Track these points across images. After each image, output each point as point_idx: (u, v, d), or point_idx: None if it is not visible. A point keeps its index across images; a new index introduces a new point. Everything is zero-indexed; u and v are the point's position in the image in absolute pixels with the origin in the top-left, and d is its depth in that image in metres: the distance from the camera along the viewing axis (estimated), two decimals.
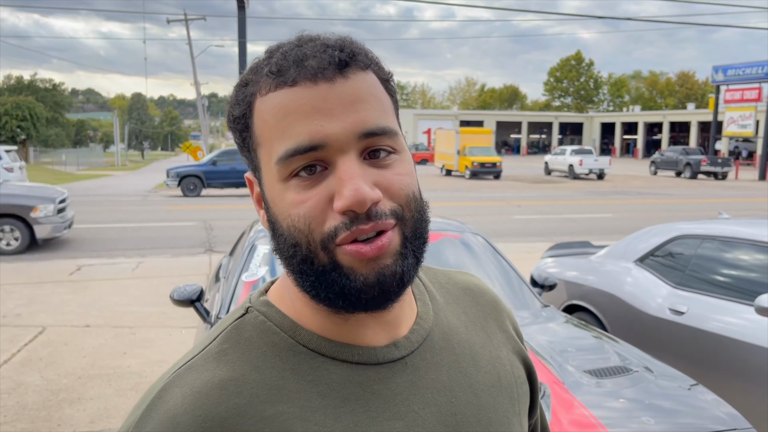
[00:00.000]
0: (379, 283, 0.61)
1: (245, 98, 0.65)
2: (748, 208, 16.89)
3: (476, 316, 0.80)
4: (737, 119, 36.26)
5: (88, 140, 78.95)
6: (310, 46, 0.63)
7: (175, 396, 0.62)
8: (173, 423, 0.60)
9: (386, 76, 0.67)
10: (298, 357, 0.66)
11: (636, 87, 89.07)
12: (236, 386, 0.63)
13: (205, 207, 16.96)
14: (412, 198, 0.64)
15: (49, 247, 10.34)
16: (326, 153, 0.60)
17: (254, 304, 0.71)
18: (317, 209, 0.61)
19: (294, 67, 0.61)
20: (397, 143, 0.64)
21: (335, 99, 0.61)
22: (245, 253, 3.40)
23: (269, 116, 0.62)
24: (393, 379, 0.67)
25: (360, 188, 0.59)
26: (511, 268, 3.60)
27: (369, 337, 0.68)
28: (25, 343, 5.40)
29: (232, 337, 0.67)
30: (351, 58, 0.62)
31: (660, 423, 2.24)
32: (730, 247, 3.81)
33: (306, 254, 0.62)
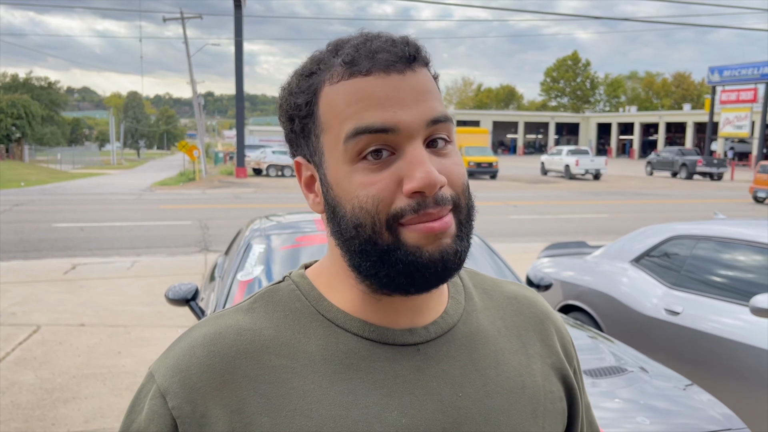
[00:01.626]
0: (443, 259, 0.65)
1: (311, 87, 0.68)
2: (744, 209, 16.94)
3: (515, 325, 0.81)
4: (733, 120, 36.38)
5: (84, 139, 78.76)
6: (379, 40, 0.67)
7: (200, 333, 0.70)
8: (191, 353, 0.68)
9: (435, 75, 0.72)
10: (314, 323, 0.71)
11: (632, 87, 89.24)
12: (252, 334, 0.69)
13: (200, 206, 16.94)
14: (466, 187, 0.69)
15: (43, 246, 10.31)
16: (396, 138, 0.64)
17: (292, 275, 0.77)
18: (387, 191, 0.64)
19: (367, 59, 0.65)
20: (451, 133, 0.69)
21: (407, 89, 0.65)
22: (241, 252, 3.39)
23: (340, 102, 0.66)
24: (399, 361, 0.69)
25: (432, 172, 0.63)
26: (507, 268, 3.60)
27: (389, 320, 0.71)
28: (20, 342, 5.37)
29: (263, 298, 0.74)
30: (417, 53, 0.67)
31: (655, 423, 2.24)
32: (726, 247, 3.82)
33: (370, 234, 0.65)
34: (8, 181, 26.31)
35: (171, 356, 0.69)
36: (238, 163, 28.86)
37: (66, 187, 25.22)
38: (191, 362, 0.67)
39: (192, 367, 0.67)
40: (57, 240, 10.95)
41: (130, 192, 22.28)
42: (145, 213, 15.41)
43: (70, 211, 15.43)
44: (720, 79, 37.29)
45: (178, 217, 14.46)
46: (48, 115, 57.74)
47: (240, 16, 27.97)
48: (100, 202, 18.05)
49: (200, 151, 29.30)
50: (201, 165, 30.27)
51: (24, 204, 17.11)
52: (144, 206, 17.18)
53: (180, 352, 0.69)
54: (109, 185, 26.16)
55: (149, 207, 16.93)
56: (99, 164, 52.51)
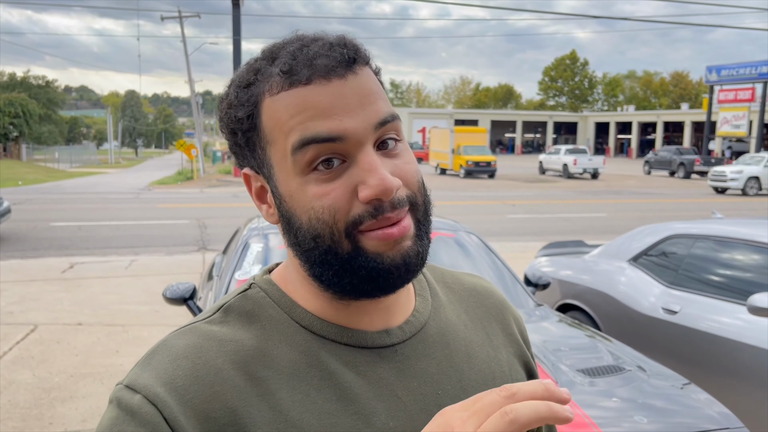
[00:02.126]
0: (405, 263, 0.65)
1: (250, 99, 0.66)
2: (742, 208, 16.97)
3: (478, 317, 0.82)
4: (731, 119, 36.41)
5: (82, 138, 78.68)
6: (317, 45, 0.65)
7: (179, 345, 0.66)
8: (174, 365, 0.64)
9: (377, 71, 0.70)
10: (291, 330, 0.69)
11: (630, 87, 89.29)
12: (234, 346, 0.67)
13: (198, 205, 16.92)
14: (421, 184, 0.69)
15: (41, 245, 10.29)
16: (345, 146, 0.63)
17: (258, 281, 0.74)
18: (342, 200, 0.63)
19: (306, 67, 0.63)
20: (400, 131, 0.68)
21: (350, 94, 0.63)
22: (239, 251, 3.39)
23: (282, 113, 0.64)
24: (380, 364, 0.69)
25: (386, 177, 0.62)
26: (505, 267, 3.60)
27: (363, 323, 0.71)
28: (17, 341, 5.37)
29: (234, 309, 0.71)
30: (356, 54, 0.65)
31: (653, 422, 2.24)
32: (724, 246, 3.82)
33: (330, 245, 0.65)
34: (6, 180, 26.26)
35: (151, 368, 0.63)
36: None
37: (64, 186, 25.19)
38: (176, 374, 0.62)
39: (177, 379, 0.62)
40: (55, 239, 10.94)
41: (128, 191, 22.26)
42: (143, 212, 15.39)
43: (67, 210, 15.41)
44: (718, 79, 37.31)
45: (176, 216, 14.45)
46: (46, 113, 57.61)
47: (238, 15, 27.95)
48: (98, 201, 18.02)
49: (198, 150, 29.28)
50: (199, 164, 30.25)
51: (22, 203, 17.08)
52: (142, 205, 17.16)
53: (161, 365, 0.63)
54: (106, 184, 26.13)
55: (147, 206, 16.91)
56: (97, 163, 52.46)
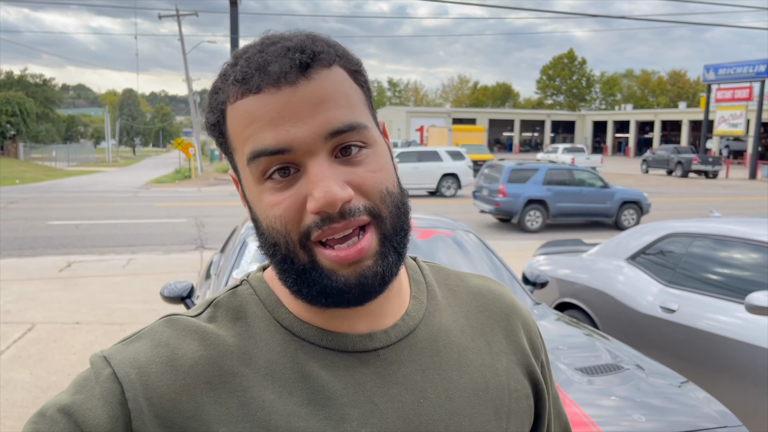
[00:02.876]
0: (360, 284, 0.63)
1: (217, 106, 0.66)
2: (739, 207, 16.99)
3: (479, 322, 0.78)
4: (728, 118, 36.43)
5: (79, 136, 78.53)
6: (271, 50, 0.63)
7: (164, 333, 0.67)
8: (153, 351, 0.65)
9: (355, 67, 0.67)
10: (271, 329, 0.69)
11: (628, 86, 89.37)
12: (216, 339, 0.67)
13: (196, 204, 16.90)
14: (386, 194, 0.64)
15: (38, 244, 10.27)
16: (294, 156, 0.61)
17: (250, 278, 0.75)
18: (292, 210, 0.62)
19: (257, 74, 0.62)
20: (368, 137, 0.64)
21: (299, 103, 0.61)
22: (236, 249, 3.38)
23: (238, 123, 0.63)
24: (359, 369, 0.67)
25: (330, 189, 0.60)
26: (503, 265, 3.60)
27: (346, 326, 0.69)
28: (14, 339, 5.35)
29: (223, 305, 0.71)
30: (312, 59, 0.62)
31: (651, 421, 2.24)
32: (722, 245, 3.83)
33: (285, 253, 0.64)
34: (3, 179, 26.20)
35: (131, 349, 0.65)
36: None
37: (61, 184, 25.15)
38: (152, 360, 0.64)
39: (152, 365, 0.63)
40: (52, 238, 10.92)
41: (125, 189, 22.22)
42: (140, 211, 15.36)
43: (65, 209, 15.38)
44: (715, 78, 37.34)
45: (174, 214, 14.43)
46: (43, 112, 57.50)
47: (236, 13, 27.90)
48: (96, 200, 17.99)
49: (196, 149, 29.24)
50: (197, 162, 30.21)
51: (19, 201, 17.05)
52: (139, 204, 17.13)
53: (141, 348, 0.65)
54: (104, 183, 26.09)
55: (145, 204, 16.89)
56: (94, 162, 52.37)
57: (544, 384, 0.81)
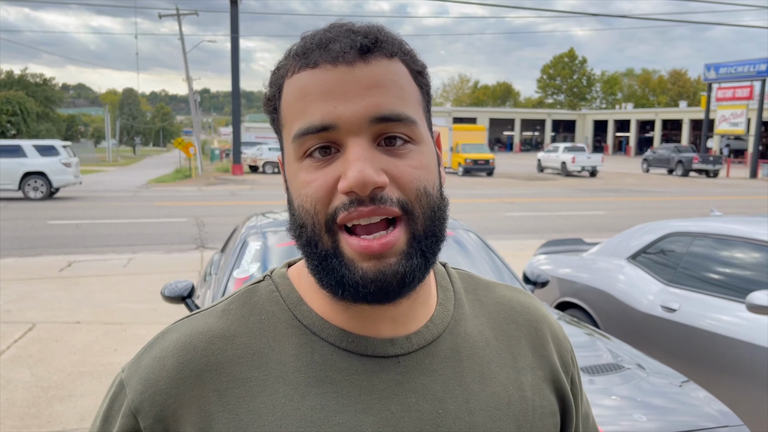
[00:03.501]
0: (377, 280, 0.60)
1: (276, 81, 0.67)
2: (740, 206, 16.99)
3: (505, 334, 0.75)
4: (729, 117, 36.40)
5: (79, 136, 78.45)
6: (336, 30, 0.64)
7: (171, 339, 0.67)
8: (161, 363, 0.65)
9: (419, 68, 0.67)
10: (290, 330, 0.67)
11: (628, 85, 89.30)
12: (223, 343, 0.66)
13: (196, 203, 16.90)
14: (423, 193, 0.62)
15: (39, 243, 10.27)
16: (338, 134, 0.61)
17: (273, 274, 0.73)
18: (323, 190, 0.61)
19: (317, 50, 0.62)
20: (416, 133, 0.63)
21: (352, 82, 0.61)
22: (237, 249, 3.38)
23: (291, 96, 0.64)
24: (378, 374, 0.65)
25: (364, 170, 0.58)
26: (504, 265, 3.60)
27: (369, 328, 0.67)
28: (15, 339, 5.35)
29: (240, 299, 0.71)
30: (374, 44, 0.62)
31: (652, 420, 2.24)
32: (722, 244, 3.82)
33: (311, 236, 0.63)
34: None
35: (143, 367, 0.66)
36: (234, 160, 28.80)
37: None
38: (161, 375, 0.64)
39: (161, 381, 0.64)
40: (52, 237, 10.92)
41: (125, 189, 22.22)
42: (141, 210, 15.36)
43: (65, 208, 15.37)
44: (716, 77, 37.31)
45: (174, 214, 14.43)
46: (43, 112, 57.48)
47: (236, 13, 27.88)
48: (96, 199, 17.99)
49: (196, 148, 29.23)
50: (197, 162, 30.20)
51: (19, 200, 17.05)
52: (140, 203, 17.13)
53: (151, 363, 0.66)
54: (104, 182, 26.08)
55: (145, 204, 16.88)
56: (95, 161, 52.34)
57: (573, 400, 0.78)
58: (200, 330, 0.67)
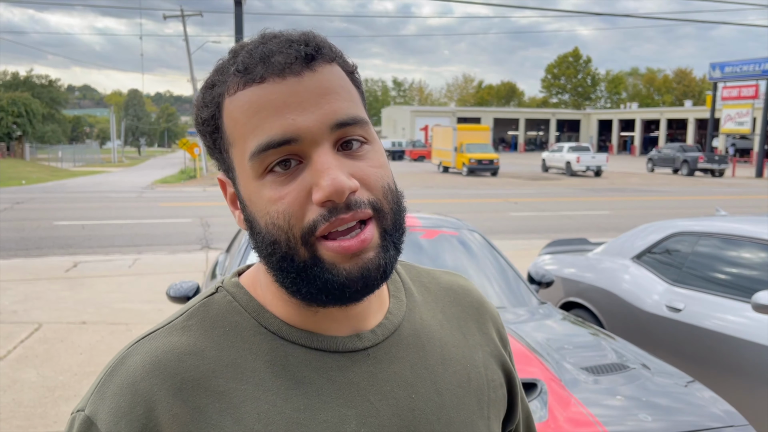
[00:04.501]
0: (363, 277, 0.62)
1: (213, 99, 0.65)
2: (746, 205, 16.93)
3: (454, 316, 0.80)
4: (734, 116, 36.31)
5: (85, 137, 78.79)
6: (274, 42, 0.63)
7: (136, 363, 0.64)
8: (132, 389, 0.62)
9: (351, 69, 0.67)
10: (258, 338, 0.67)
11: (633, 84, 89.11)
12: (194, 359, 0.64)
13: (201, 204, 16.94)
14: (388, 190, 0.65)
15: (45, 244, 10.32)
16: (300, 146, 0.61)
17: (225, 285, 0.72)
18: (296, 204, 0.61)
19: (261, 64, 0.61)
20: (369, 133, 0.65)
21: (305, 92, 0.61)
22: (242, 249, 3.39)
23: (239, 114, 0.62)
24: (351, 368, 0.67)
25: (337, 177, 0.59)
26: (508, 265, 3.60)
27: (334, 328, 0.69)
28: (21, 340, 5.38)
29: (198, 314, 0.69)
30: (317, 52, 0.63)
31: (657, 420, 2.24)
32: (728, 244, 3.81)
33: (286, 251, 0.63)
34: (9, 179, 26.32)
35: (109, 396, 0.63)
36: None
37: (67, 185, 25.24)
38: (135, 401, 0.61)
39: (137, 406, 0.61)
40: (58, 238, 10.96)
41: (131, 190, 22.28)
42: (146, 211, 15.40)
43: (71, 209, 15.43)
44: (721, 76, 37.21)
45: (179, 214, 14.47)
46: (49, 113, 57.74)
47: (240, 14, 27.92)
48: (101, 200, 18.05)
49: (201, 149, 29.29)
50: (202, 162, 30.28)
51: (25, 202, 17.12)
52: (145, 204, 17.18)
53: (119, 391, 0.62)
54: (110, 183, 26.17)
55: (150, 205, 16.93)
56: (100, 162, 52.53)
57: (514, 373, 0.85)
58: (166, 348, 0.65)
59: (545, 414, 2.16)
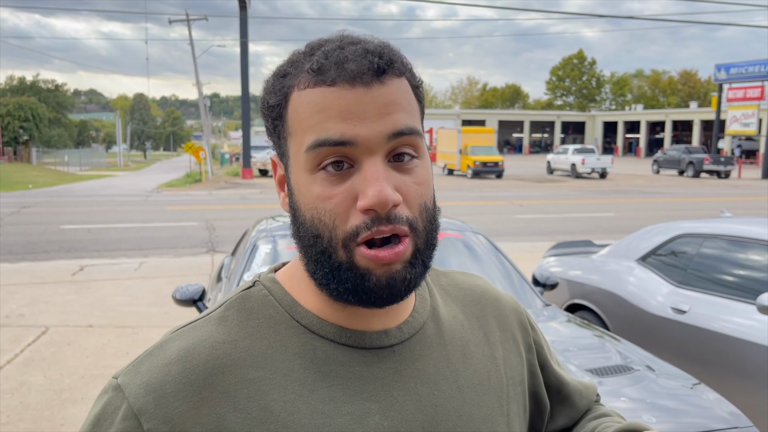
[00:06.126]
0: (389, 286, 0.65)
1: (282, 89, 0.68)
2: (751, 207, 16.86)
3: (474, 315, 0.83)
4: (740, 118, 36.16)
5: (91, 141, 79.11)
6: (351, 49, 0.66)
7: (173, 348, 0.68)
8: (165, 369, 0.66)
9: (417, 83, 0.70)
10: (289, 330, 0.70)
11: (638, 86, 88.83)
12: (227, 347, 0.68)
13: (206, 207, 16.98)
14: (424, 208, 0.68)
15: (51, 248, 10.36)
16: (354, 151, 0.64)
17: (262, 279, 0.76)
18: (342, 207, 0.64)
19: (334, 68, 0.64)
20: (421, 147, 0.68)
21: (371, 103, 0.64)
22: (247, 252, 3.40)
23: (304, 110, 0.66)
24: (377, 364, 0.70)
25: (384, 189, 0.62)
26: (513, 267, 3.60)
27: (363, 323, 0.71)
28: (28, 343, 5.41)
29: (235, 305, 0.73)
30: (389, 65, 0.65)
31: (662, 422, 2.24)
32: (733, 245, 3.81)
33: (326, 247, 0.66)
34: (16, 183, 26.44)
35: (143, 372, 0.66)
36: (244, 164, 28.91)
37: (73, 188, 25.34)
38: (166, 380, 0.65)
39: (167, 385, 0.65)
40: (65, 241, 11.01)
41: (137, 193, 22.36)
42: (152, 214, 15.46)
43: (77, 213, 15.50)
44: (727, 77, 37.08)
45: (185, 218, 14.51)
46: (55, 117, 58.02)
47: (245, 17, 28.01)
48: (108, 204, 18.12)
49: (206, 153, 29.38)
50: (207, 166, 30.35)
51: (32, 206, 17.20)
52: (151, 207, 17.23)
53: (153, 369, 0.66)
54: (116, 187, 26.26)
55: (156, 208, 16.98)
56: (106, 166, 52.71)
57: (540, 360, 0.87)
58: (202, 337, 0.69)
59: None
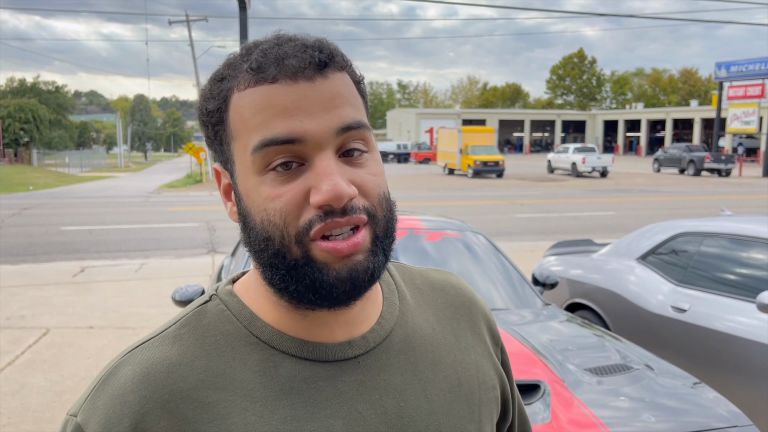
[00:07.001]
0: (351, 278, 0.63)
1: (221, 92, 0.66)
2: (752, 205, 16.84)
3: (447, 318, 0.80)
4: (740, 116, 36.13)
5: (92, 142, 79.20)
6: (290, 45, 0.64)
7: (126, 374, 0.65)
8: (121, 400, 0.63)
9: (358, 79, 0.69)
10: (248, 347, 0.67)
11: (639, 84, 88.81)
12: (184, 370, 0.65)
13: (207, 208, 16.99)
14: (383, 198, 0.66)
15: (52, 249, 10.37)
16: (304, 148, 0.62)
17: (218, 293, 0.73)
18: (293, 203, 0.62)
19: (274, 65, 0.62)
20: (370, 141, 0.67)
21: (315, 97, 0.62)
22: (246, 253, 3.40)
23: (246, 110, 0.63)
24: (340, 377, 0.68)
25: (338, 183, 0.61)
26: (512, 266, 3.60)
27: (325, 334, 0.69)
28: (29, 344, 5.41)
29: (190, 323, 0.69)
30: (330, 59, 0.64)
31: (661, 421, 2.24)
32: (733, 244, 3.80)
33: (279, 248, 0.63)
34: (17, 185, 26.47)
35: (100, 407, 0.64)
36: None
37: (74, 190, 25.36)
38: (124, 413, 0.63)
39: (124, 419, 0.62)
40: (65, 243, 11.01)
41: (137, 194, 22.37)
42: (152, 215, 15.47)
43: (78, 214, 15.50)
44: (727, 75, 37.05)
45: (186, 219, 14.51)
46: (56, 119, 58.08)
47: (245, 18, 27.98)
48: (108, 205, 18.13)
49: (207, 153, 29.39)
50: (208, 167, 30.36)
51: (32, 207, 17.22)
52: (151, 208, 17.24)
53: (110, 402, 0.64)
54: (116, 188, 26.28)
55: (157, 209, 17.00)
56: (107, 167, 52.75)
57: (505, 372, 0.85)
58: (157, 359, 0.66)
59: (548, 415, 2.17)
